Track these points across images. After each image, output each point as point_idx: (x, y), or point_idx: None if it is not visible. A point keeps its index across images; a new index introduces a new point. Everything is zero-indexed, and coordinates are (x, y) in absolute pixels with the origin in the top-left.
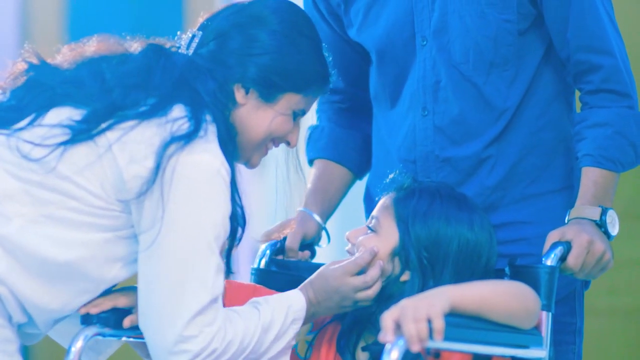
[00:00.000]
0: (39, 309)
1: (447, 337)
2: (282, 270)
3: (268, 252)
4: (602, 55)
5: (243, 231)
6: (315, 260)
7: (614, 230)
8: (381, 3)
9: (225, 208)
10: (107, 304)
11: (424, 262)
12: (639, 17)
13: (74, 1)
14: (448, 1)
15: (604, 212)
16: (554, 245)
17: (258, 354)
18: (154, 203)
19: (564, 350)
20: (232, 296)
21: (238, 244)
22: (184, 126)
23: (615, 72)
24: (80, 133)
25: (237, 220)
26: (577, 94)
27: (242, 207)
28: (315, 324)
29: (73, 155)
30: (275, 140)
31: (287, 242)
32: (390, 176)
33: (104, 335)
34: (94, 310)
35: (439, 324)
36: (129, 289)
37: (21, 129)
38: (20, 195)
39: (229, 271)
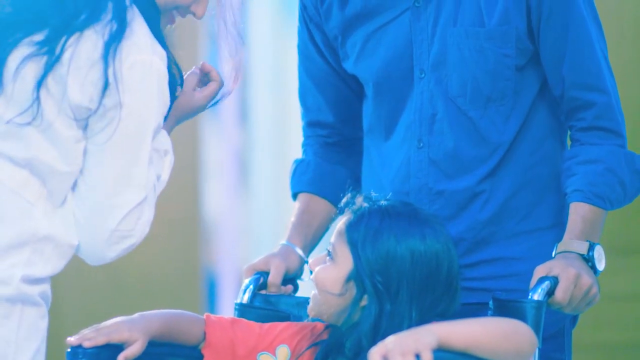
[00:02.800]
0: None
1: None
2: (266, 306)
3: (251, 286)
4: (596, 92)
5: (181, 87)
6: (299, 294)
7: (600, 265)
8: (379, 35)
9: (165, 100)
10: (101, 339)
11: (378, 286)
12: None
13: None
14: (447, 34)
15: (591, 247)
16: (541, 280)
17: None
18: (107, 108)
19: None
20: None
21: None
22: (113, 28)
23: (608, 109)
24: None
25: (174, 84)
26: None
27: (178, 67)
28: (293, 353)
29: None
30: (180, 10)
31: (270, 277)
32: (344, 200)
33: None
34: (87, 344)
35: (427, 357)
36: (126, 321)
37: None
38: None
39: None
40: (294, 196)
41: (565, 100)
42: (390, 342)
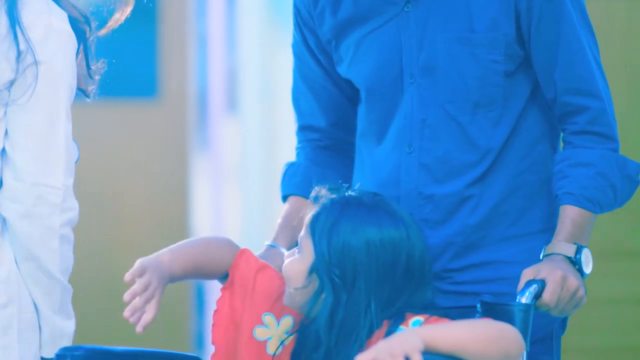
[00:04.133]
0: None
1: None
2: None
3: None
4: (588, 97)
5: (91, 30)
6: None
7: (587, 268)
8: (370, 40)
9: (71, 57)
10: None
11: (334, 276)
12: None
13: None
14: (436, 40)
15: (579, 250)
16: (529, 283)
17: None
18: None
19: None
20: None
21: (87, 44)
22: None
23: (601, 114)
24: None
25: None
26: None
27: (84, 16)
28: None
29: None
30: None
31: None
32: (313, 193)
33: None
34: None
35: (417, 358)
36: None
37: None
38: None
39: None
40: (284, 199)
41: (558, 104)
42: (379, 348)
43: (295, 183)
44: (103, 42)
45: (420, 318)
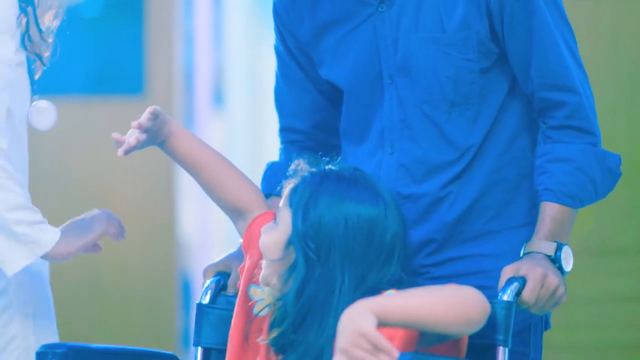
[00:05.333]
0: None
1: None
2: (228, 307)
3: (213, 287)
4: (565, 92)
5: (34, 11)
6: None
7: (567, 266)
8: (348, 41)
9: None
10: None
11: (309, 253)
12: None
13: None
14: (410, 40)
15: (559, 248)
16: (510, 281)
17: None
18: None
19: None
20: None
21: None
22: None
23: (579, 108)
24: None
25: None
26: None
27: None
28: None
29: None
30: None
31: (231, 279)
32: (292, 166)
33: None
34: None
35: (374, 337)
36: None
37: None
38: None
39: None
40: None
41: (536, 100)
42: (340, 343)
43: (274, 183)
44: (90, 39)
45: (392, 290)
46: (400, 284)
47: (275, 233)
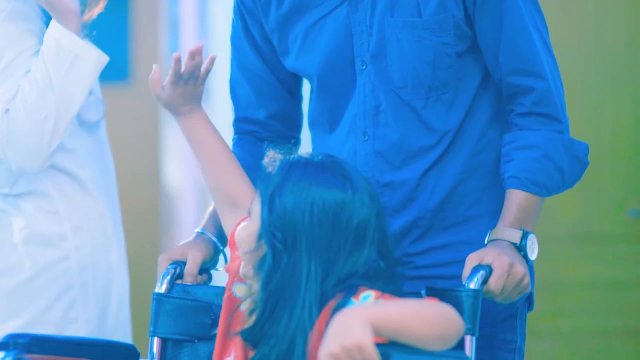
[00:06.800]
0: None
1: None
2: (185, 296)
3: (169, 277)
4: (533, 78)
5: None
6: (213, 284)
7: (532, 255)
8: (318, 28)
9: None
10: None
11: (276, 243)
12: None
13: None
14: (385, 26)
15: (524, 236)
16: (477, 269)
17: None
18: None
19: None
20: None
21: None
22: None
23: (546, 95)
24: None
25: None
26: None
27: None
28: None
29: None
30: None
31: (187, 268)
32: (266, 159)
33: None
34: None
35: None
36: None
37: None
38: None
39: None
40: None
41: (504, 86)
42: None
43: None
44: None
45: (371, 292)
46: (377, 276)
47: (249, 225)
